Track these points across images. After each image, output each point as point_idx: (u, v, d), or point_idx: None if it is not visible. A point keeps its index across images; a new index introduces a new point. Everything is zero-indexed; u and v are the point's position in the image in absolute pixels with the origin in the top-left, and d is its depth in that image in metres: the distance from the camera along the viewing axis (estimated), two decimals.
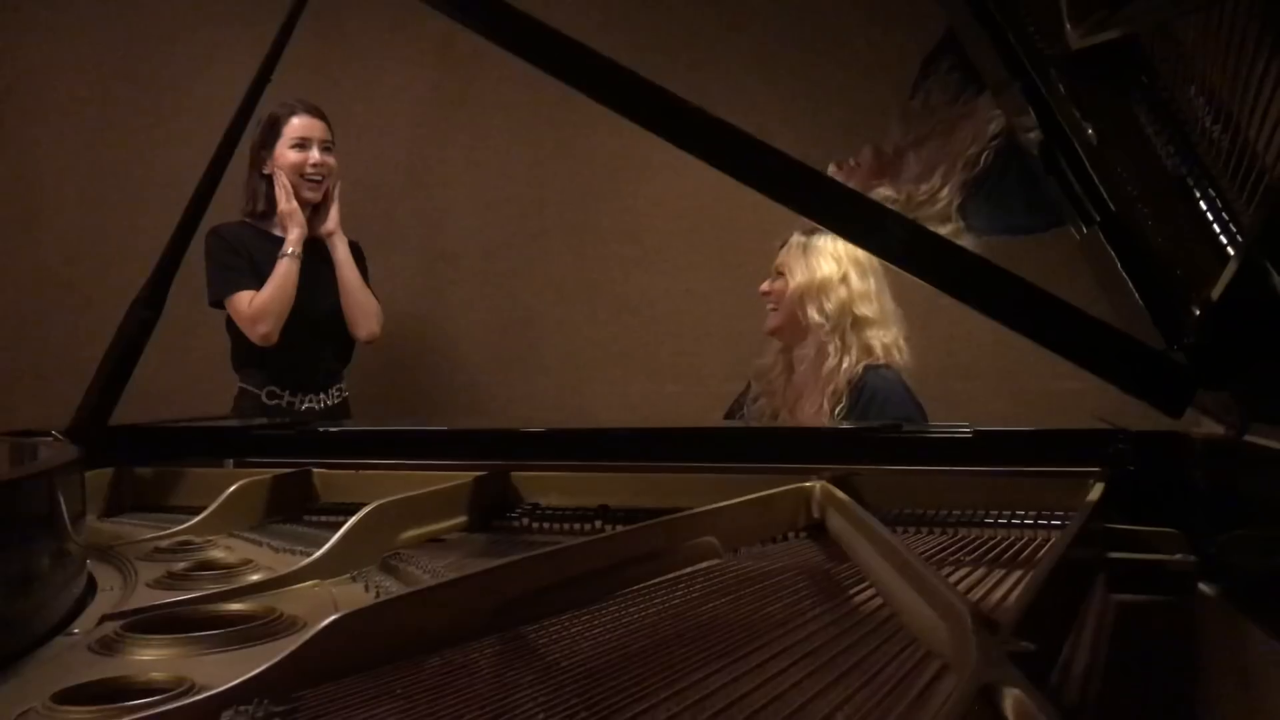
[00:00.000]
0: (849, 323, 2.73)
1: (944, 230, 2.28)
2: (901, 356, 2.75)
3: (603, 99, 1.49)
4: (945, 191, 2.39)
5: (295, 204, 3.14)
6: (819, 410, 2.69)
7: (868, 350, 2.71)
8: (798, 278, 2.78)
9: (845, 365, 2.69)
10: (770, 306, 2.87)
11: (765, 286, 2.88)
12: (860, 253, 2.75)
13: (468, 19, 1.58)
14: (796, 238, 2.83)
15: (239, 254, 3.14)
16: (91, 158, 4.45)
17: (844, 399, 2.68)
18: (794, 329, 2.81)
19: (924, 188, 2.43)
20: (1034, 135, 1.52)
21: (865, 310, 2.74)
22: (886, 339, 2.74)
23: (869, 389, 2.67)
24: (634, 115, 1.48)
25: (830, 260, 2.75)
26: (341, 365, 3.37)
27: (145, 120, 4.36)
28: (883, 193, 2.50)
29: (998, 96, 1.90)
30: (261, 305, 3.09)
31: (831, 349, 2.72)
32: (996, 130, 2.30)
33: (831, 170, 2.67)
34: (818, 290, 2.74)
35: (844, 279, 2.74)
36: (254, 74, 2.08)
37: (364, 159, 3.95)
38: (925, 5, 2.13)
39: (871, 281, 2.77)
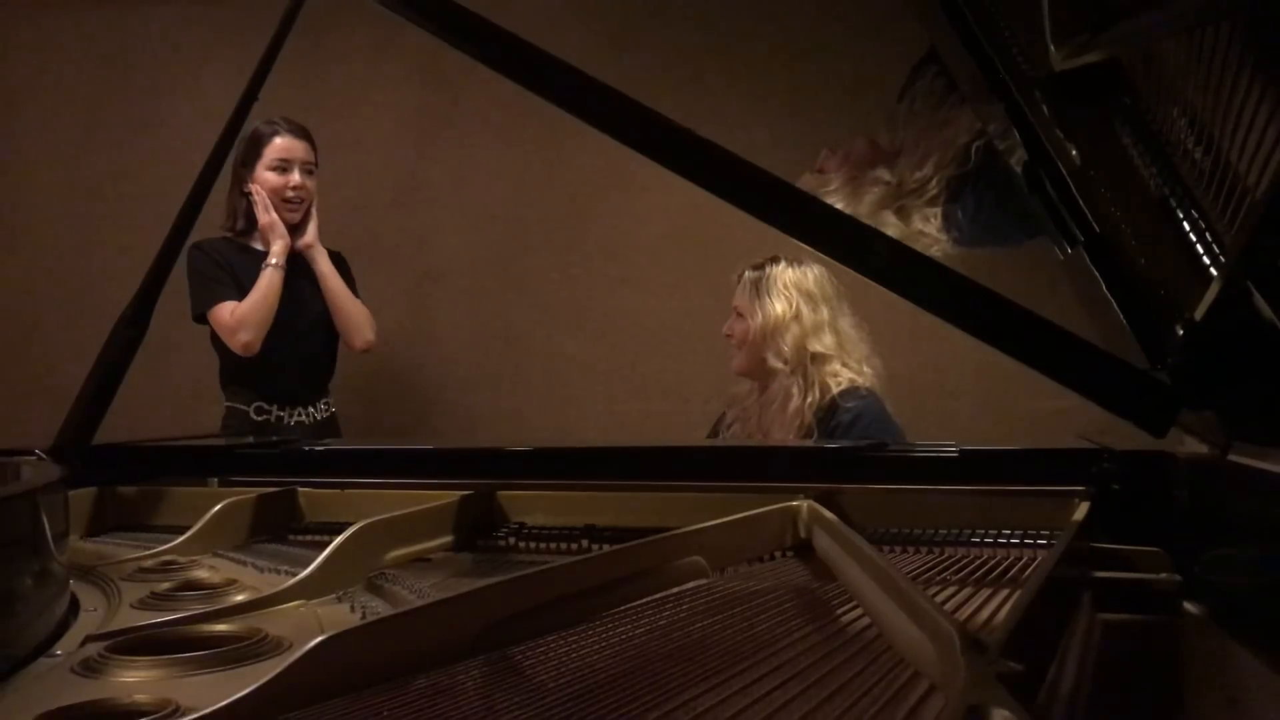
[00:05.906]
0: (808, 360, 2.75)
1: (931, 251, 2.29)
2: (867, 380, 2.77)
3: (588, 118, 1.50)
4: (935, 182, 2.40)
5: (275, 216, 3.17)
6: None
7: (831, 385, 2.73)
8: (753, 320, 2.80)
9: (810, 401, 2.72)
10: (735, 346, 2.89)
11: (726, 329, 2.90)
12: (809, 281, 2.80)
13: (453, 37, 1.59)
14: (747, 274, 2.85)
15: (221, 268, 3.17)
16: (76, 174, 4.44)
17: (815, 431, 2.70)
18: (760, 370, 2.84)
19: (917, 175, 2.44)
20: (1018, 156, 1.53)
21: (820, 345, 2.76)
22: (850, 368, 2.76)
23: (844, 412, 2.69)
24: (620, 134, 1.48)
25: (780, 298, 2.77)
26: (326, 378, 3.38)
27: (131, 136, 4.36)
28: (877, 175, 2.51)
29: (981, 116, 1.91)
30: (244, 313, 3.11)
31: (795, 390, 2.74)
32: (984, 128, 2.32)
33: (824, 155, 2.67)
34: (772, 333, 2.77)
35: (796, 316, 2.76)
36: (241, 90, 2.08)
37: (350, 176, 3.95)
38: (908, 21, 2.15)
39: (825, 311, 2.79)
